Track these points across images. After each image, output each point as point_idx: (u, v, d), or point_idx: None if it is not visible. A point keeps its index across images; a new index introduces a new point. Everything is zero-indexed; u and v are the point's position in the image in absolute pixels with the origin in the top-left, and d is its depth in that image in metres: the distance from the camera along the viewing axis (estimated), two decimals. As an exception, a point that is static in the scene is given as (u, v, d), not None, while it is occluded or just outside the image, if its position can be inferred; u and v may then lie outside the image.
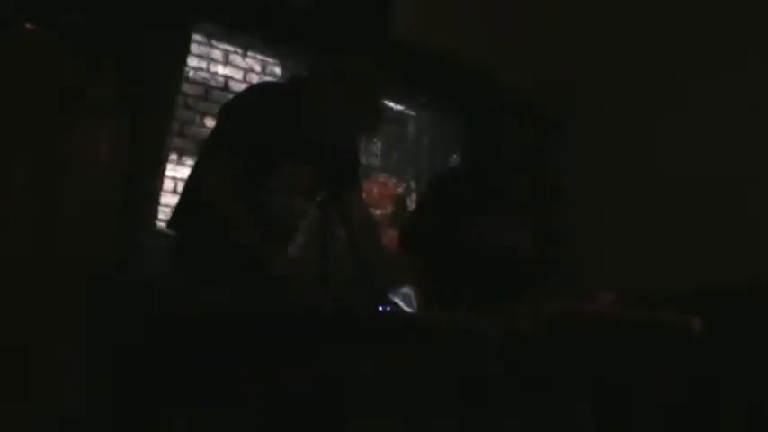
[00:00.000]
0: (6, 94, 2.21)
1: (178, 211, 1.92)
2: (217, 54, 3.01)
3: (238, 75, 3.02)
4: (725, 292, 2.47)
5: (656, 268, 2.90)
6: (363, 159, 2.50)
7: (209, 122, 2.82)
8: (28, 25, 2.32)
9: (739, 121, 2.90)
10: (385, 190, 3.31)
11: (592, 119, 3.53)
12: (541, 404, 1.71)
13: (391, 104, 3.48)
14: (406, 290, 1.92)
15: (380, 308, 1.82)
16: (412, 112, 3.64)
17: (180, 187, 2.68)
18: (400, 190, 3.41)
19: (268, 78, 3.08)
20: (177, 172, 2.79)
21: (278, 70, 3.10)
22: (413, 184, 3.53)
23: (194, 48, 2.93)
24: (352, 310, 1.74)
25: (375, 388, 1.54)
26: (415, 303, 1.92)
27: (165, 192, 2.73)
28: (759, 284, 2.46)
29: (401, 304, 1.88)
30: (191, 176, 1.95)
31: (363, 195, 2.19)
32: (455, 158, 3.64)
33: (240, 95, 2.04)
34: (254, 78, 3.05)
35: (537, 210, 2.61)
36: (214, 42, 3.00)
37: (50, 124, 2.29)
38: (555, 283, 2.79)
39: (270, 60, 3.10)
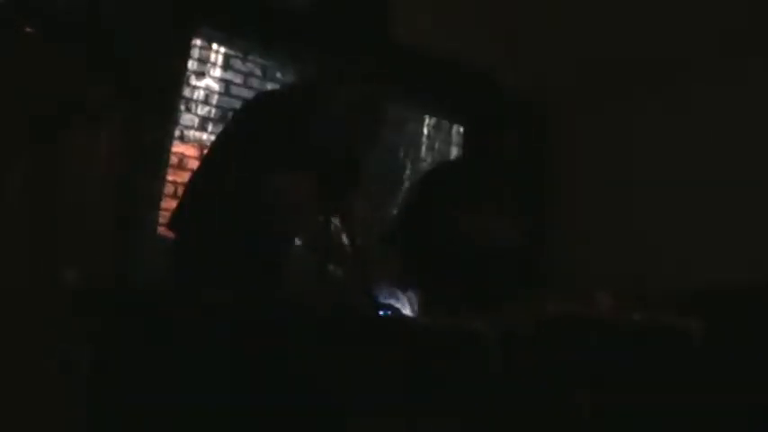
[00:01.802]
0: (5, 96, 2.22)
1: (180, 212, 1.94)
2: (217, 58, 3.02)
3: (239, 79, 3.04)
4: (725, 292, 2.47)
5: (656, 268, 2.90)
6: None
7: (210, 126, 2.84)
8: (28, 27, 2.33)
9: (739, 121, 2.90)
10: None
11: (591, 119, 3.53)
12: (541, 406, 1.71)
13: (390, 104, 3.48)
14: (407, 292, 1.92)
15: (380, 312, 1.83)
16: (409, 112, 3.66)
17: (180, 191, 2.68)
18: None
19: (269, 83, 3.10)
20: (178, 176, 2.80)
21: (279, 74, 3.11)
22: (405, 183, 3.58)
23: (195, 51, 2.94)
24: (353, 312, 1.75)
25: (375, 388, 1.54)
26: (415, 306, 1.92)
27: (166, 196, 2.74)
28: (759, 284, 2.45)
29: (401, 307, 1.89)
30: (195, 178, 1.96)
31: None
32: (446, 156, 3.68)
33: (248, 103, 2.08)
34: (255, 82, 3.06)
35: (527, 206, 2.60)
36: (215, 46, 3.01)
37: (50, 127, 2.30)
38: (554, 283, 2.80)
39: (270, 64, 3.11)
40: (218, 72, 3.00)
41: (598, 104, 3.48)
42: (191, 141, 2.85)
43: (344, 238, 2.08)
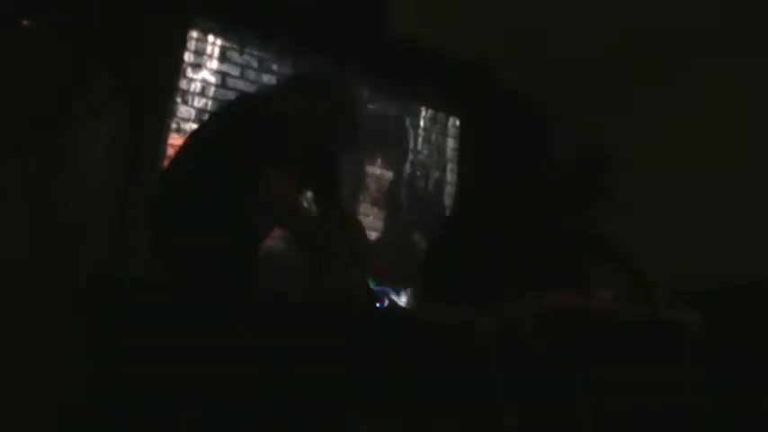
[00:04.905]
0: (5, 94, 2.21)
1: (159, 209, 1.93)
2: (214, 50, 3.02)
3: (236, 71, 3.04)
4: (725, 291, 2.46)
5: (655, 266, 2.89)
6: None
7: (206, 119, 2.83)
8: (26, 24, 2.32)
9: (739, 120, 2.90)
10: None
11: (591, 118, 3.53)
12: (541, 403, 1.70)
13: (387, 102, 3.49)
14: (401, 286, 1.92)
15: (377, 304, 1.82)
16: (408, 110, 3.66)
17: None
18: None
19: (266, 75, 3.11)
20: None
21: (276, 67, 3.11)
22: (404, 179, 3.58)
23: (191, 44, 2.94)
24: (350, 306, 1.74)
25: (374, 387, 1.53)
26: (410, 299, 1.92)
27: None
28: (759, 284, 2.45)
29: (397, 300, 1.88)
30: (172, 175, 1.95)
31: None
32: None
33: (228, 105, 2.09)
34: (252, 74, 3.07)
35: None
36: (211, 38, 3.01)
37: (49, 123, 2.29)
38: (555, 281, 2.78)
39: (267, 56, 3.11)
40: (214, 64, 3.00)
41: (598, 104, 3.48)
42: (187, 134, 2.84)
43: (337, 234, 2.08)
